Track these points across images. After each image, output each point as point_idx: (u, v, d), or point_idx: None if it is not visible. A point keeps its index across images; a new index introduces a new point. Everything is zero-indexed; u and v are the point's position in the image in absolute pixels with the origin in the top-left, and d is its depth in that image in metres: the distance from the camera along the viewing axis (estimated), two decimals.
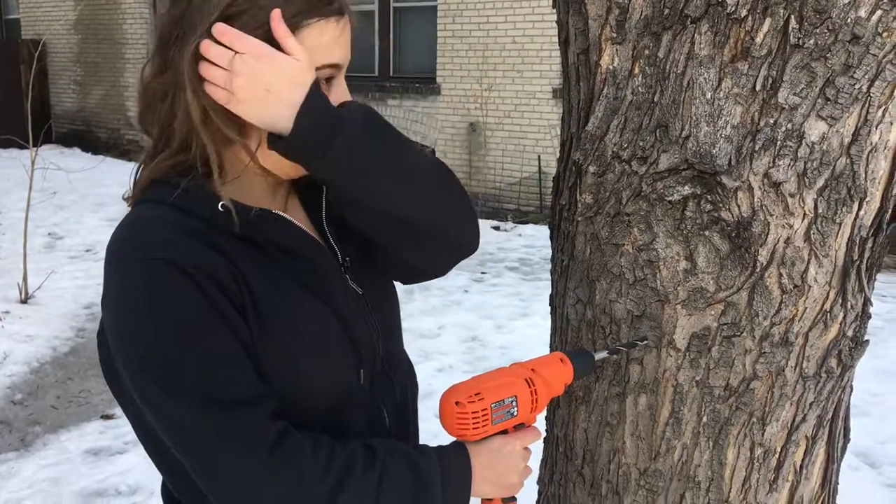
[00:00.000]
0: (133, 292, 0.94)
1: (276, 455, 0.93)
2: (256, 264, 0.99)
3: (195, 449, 0.93)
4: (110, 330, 0.96)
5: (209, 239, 0.97)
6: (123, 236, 0.99)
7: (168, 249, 0.94)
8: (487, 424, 1.06)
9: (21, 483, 3.25)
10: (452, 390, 1.07)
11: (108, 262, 0.98)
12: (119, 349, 0.95)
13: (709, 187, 1.09)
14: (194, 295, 0.93)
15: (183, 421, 0.92)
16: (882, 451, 3.58)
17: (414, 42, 9.34)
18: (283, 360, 0.99)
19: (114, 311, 0.96)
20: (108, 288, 0.96)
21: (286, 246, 1.04)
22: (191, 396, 0.92)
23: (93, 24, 12.38)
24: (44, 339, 4.72)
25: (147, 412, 0.95)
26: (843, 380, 1.21)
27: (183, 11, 0.96)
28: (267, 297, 0.99)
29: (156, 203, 1.00)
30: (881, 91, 1.04)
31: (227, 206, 0.98)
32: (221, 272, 0.95)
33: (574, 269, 1.27)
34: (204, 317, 0.93)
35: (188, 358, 0.92)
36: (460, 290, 5.97)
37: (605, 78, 1.16)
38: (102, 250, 1.02)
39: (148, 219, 0.99)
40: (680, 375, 1.17)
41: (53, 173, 6.33)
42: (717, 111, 1.07)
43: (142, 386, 0.94)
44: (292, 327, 1.01)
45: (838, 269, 1.12)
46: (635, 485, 1.25)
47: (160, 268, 0.93)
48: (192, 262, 0.93)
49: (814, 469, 1.27)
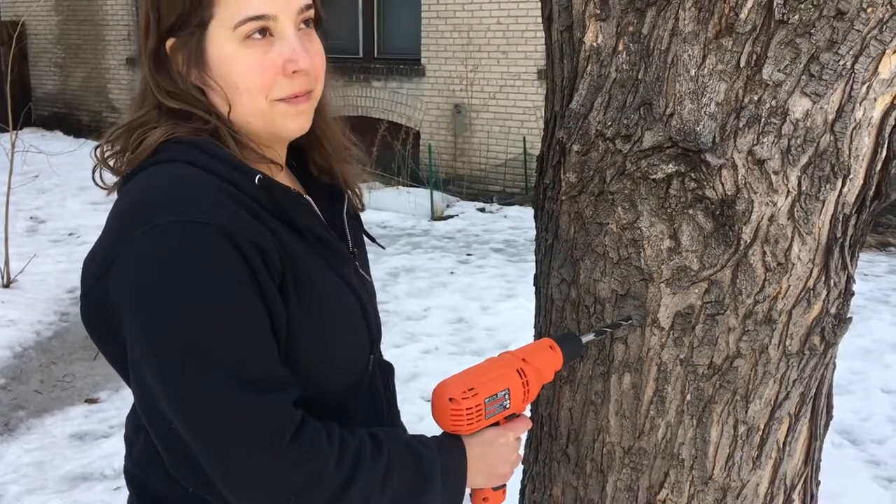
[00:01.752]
0: (175, 255, 0.87)
1: (297, 444, 0.91)
2: (294, 243, 0.98)
3: (213, 430, 0.89)
4: (131, 292, 0.89)
5: (255, 211, 0.94)
6: (160, 193, 0.92)
7: (218, 214, 0.89)
8: (481, 419, 1.06)
9: (5, 468, 3.23)
10: (445, 386, 1.06)
11: (135, 217, 0.91)
12: (142, 314, 0.89)
13: (693, 165, 1.08)
14: (242, 270, 0.89)
15: (205, 399, 0.88)
16: (864, 429, 3.62)
17: (398, 23, 9.27)
18: (316, 335, 0.99)
19: (142, 271, 0.88)
20: (135, 246, 0.89)
21: (310, 227, 1.03)
22: (218, 374, 0.88)
23: (73, 5, 12.21)
24: (27, 324, 4.69)
25: (159, 383, 0.89)
26: (826, 357, 1.21)
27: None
28: (306, 271, 0.98)
29: (188, 164, 0.95)
30: (865, 67, 1.04)
31: (262, 180, 0.96)
32: (269, 247, 0.92)
33: (558, 249, 1.27)
34: (246, 295, 0.89)
35: (223, 335, 0.88)
36: (446, 271, 5.96)
37: (589, 55, 1.15)
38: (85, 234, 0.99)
39: (190, 178, 0.93)
40: (664, 354, 1.17)
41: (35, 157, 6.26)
42: (702, 88, 1.06)
43: (162, 355, 0.88)
44: (325, 304, 1.01)
45: (822, 246, 1.12)
46: (620, 463, 1.25)
47: (208, 233, 0.88)
48: (244, 233, 0.89)
49: (797, 446, 1.27)
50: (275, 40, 0.98)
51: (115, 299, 0.92)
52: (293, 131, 1.04)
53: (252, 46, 0.97)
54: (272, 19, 0.97)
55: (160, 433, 0.96)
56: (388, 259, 6.08)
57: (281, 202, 0.98)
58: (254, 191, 0.95)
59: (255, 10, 0.95)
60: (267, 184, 0.97)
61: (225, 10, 0.95)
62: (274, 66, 0.98)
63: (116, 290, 0.91)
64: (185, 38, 0.98)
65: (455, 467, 1.05)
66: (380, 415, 1.16)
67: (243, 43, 0.96)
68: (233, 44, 0.97)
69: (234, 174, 0.95)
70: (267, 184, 0.97)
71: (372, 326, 1.11)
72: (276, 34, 0.98)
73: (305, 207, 1.03)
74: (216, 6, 0.95)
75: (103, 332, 0.98)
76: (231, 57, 0.97)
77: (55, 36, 12.63)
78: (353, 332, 1.07)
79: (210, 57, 0.98)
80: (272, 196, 0.97)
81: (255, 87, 0.98)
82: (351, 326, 1.07)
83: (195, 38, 0.97)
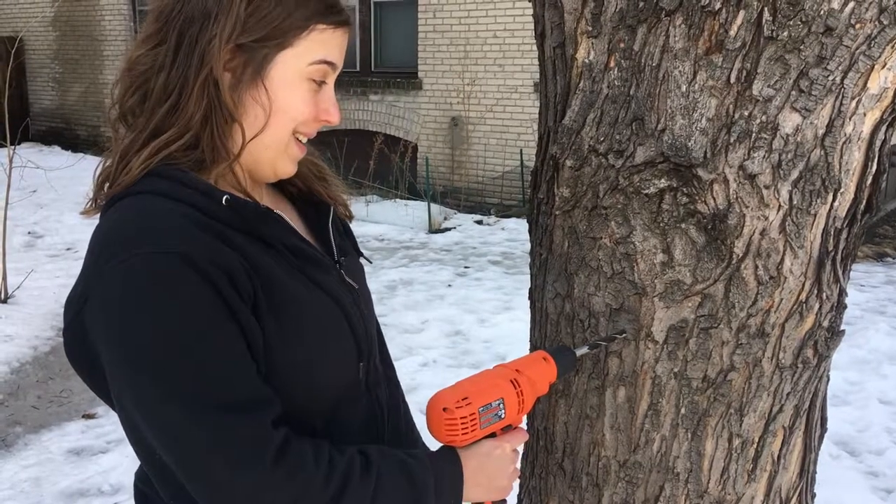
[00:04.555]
0: (140, 287, 0.89)
1: (280, 465, 0.91)
2: (264, 257, 0.99)
3: (193, 455, 0.90)
4: (103, 325, 0.92)
5: (220, 232, 0.96)
6: (127, 227, 0.95)
7: (182, 242, 0.91)
8: (476, 429, 1.06)
9: (2, 484, 3.23)
10: (439, 396, 1.06)
11: (103, 252, 0.93)
12: (114, 346, 0.91)
13: (685, 180, 1.09)
14: (207, 293, 0.90)
15: (182, 426, 0.89)
16: (861, 440, 3.62)
17: (395, 37, 9.32)
18: (296, 351, 0.99)
19: (110, 305, 0.91)
20: (104, 280, 0.91)
21: (282, 240, 1.04)
22: (194, 400, 0.89)
23: (71, 21, 12.26)
24: (24, 339, 4.69)
25: (138, 413, 0.91)
26: (819, 370, 1.22)
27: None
28: (278, 288, 0.99)
29: (155, 195, 0.97)
30: (854, 82, 1.05)
31: (231, 200, 0.98)
32: (236, 268, 0.93)
33: (552, 263, 1.27)
34: (214, 317, 0.91)
35: (194, 360, 0.89)
36: (443, 284, 5.97)
37: (581, 71, 1.16)
38: (83, 249, 1.00)
39: (156, 210, 0.96)
40: (658, 368, 1.18)
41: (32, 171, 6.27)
42: (693, 104, 1.07)
43: (138, 386, 0.90)
44: (303, 318, 1.01)
45: (813, 260, 1.13)
46: (615, 477, 1.25)
47: (173, 262, 0.89)
48: (207, 257, 0.91)
49: (791, 459, 1.28)
50: (322, 90, 1.07)
51: (92, 337, 0.94)
52: (288, 172, 1.10)
53: (309, 86, 1.05)
54: (334, 69, 1.06)
55: (148, 462, 0.98)
56: (386, 272, 6.09)
57: (249, 219, 1.00)
58: (221, 212, 0.97)
59: (332, 58, 1.05)
60: (235, 203, 0.98)
61: (308, 44, 1.02)
62: (316, 107, 1.06)
63: (92, 326, 0.94)
64: (255, 51, 1.00)
65: (450, 482, 1.05)
66: (380, 427, 1.15)
67: (306, 79, 1.04)
68: (298, 76, 1.03)
69: (200, 199, 0.97)
70: (235, 203, 0.98)
71: (358, 333, 1.10)
72: (326, 82, 1.07)
73: (276, 221, 1.04)
74: (302, 39, 1.02)
75: (85, 365, 1.00)
76: (292, 86, 1.03)
77: (53, 51, 12.67)
78: (336, 339, 1.07)
79: (270, 77, 1.02)
80: (240, 214, 0.99)
81: (298, 119, 1.05)
82: (333, 334, 1.07)
83: (262, 54, 1.01)
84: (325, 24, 1.03)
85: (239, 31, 0.99)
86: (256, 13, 0.99)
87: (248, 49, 1.00)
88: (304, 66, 1.03)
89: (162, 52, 1.00)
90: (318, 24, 1.02)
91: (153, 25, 1.02)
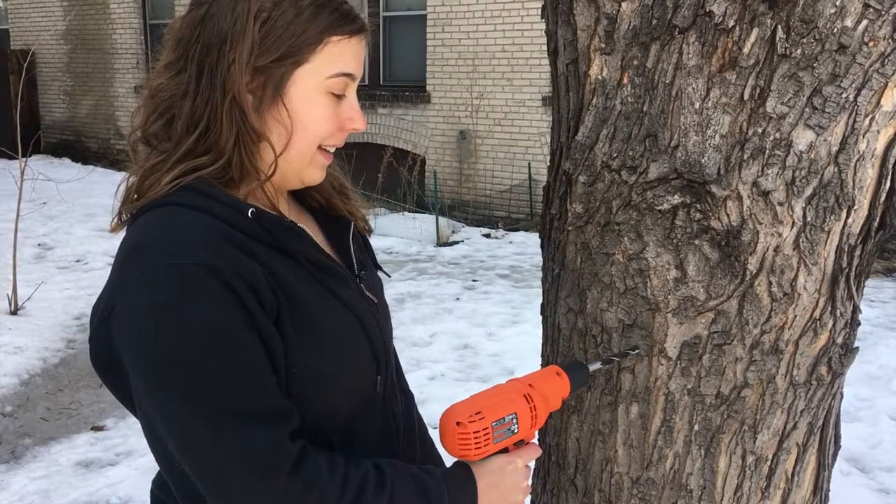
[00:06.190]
0: (165, 297, 0.90)
1: (297, 477, 0.92)
2: (287, 270, 1.00)
3: (212, 465, 0.91)
4: (129, 333, 0.93)
5: (245, 245, 0.97)
6: (154, 237, 0.96)
7: (208, 255, 0.92)
8: (489, 443, 1.06)
9: (11, 496, 3.23)
10: (452, 410, 1.06)
11: (130, 262, 0.94)
12: (139, 354, 0.92)
13: (698, 196, 1.09)
14: (232, 305, 0.91)
15: (203, 435, 0.90)
16: (873, 456, 3.59)
17: (404, 51, 9.35)
18: (316, 364, 1.00)
19: (136, 314, 0.92)
20: (130, 290, 0.92)
21: (304, 253, 1.05)
22: (215, 410, 0.90)
23: (82, 34, 12.35)
24: (34, 351, 4.70)
25: (159, 421, 0.92)
26: (833, 387, 1.21)
27: (205, 14, 1.01)
28: (300, 302, 1.00)
29: (182, 207, 0.98)
30: (868, 100, 1.05)
31: (256, 213, 0.99)
32: (260, 281, 0.94)
33: (565, 279, 1.27)
34: (238, 329, 0.91)
35: (217, 371, 0.90)
36: (451, 297, 5.96)
37: (595, 88, 1.17)
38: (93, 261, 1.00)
39: (182, 221, 0.97)
40: (671, 384, 1.18)
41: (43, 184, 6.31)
42: (706, 121, 1.08)
43: (162, 395, 0.91)
44: (323, 331, 1.02)
45: (827, 276, 1.13)
46: (628, 494, 1.25)
47: (198, 274, 0.90)
48: (232, 270, 0.92)
49: (805, 476, 1.27)
50: (343, 100, 1.07)
51: (117, 346, 0.95)
52: (315, 180, 1.11)
53: (330, 99, 1.05)
54: (353, 80, 1.07)
55: (170, 473, 0.99)
56: (394, 285, 6.09)
57: (274, 232, 1.01)
58: (247, 224, 0.98)
59: (350, 69, 1.05)
60: (260, 216, 1.00)
61: (325, 59, 1.03)
62: (339, 119, 1.07)
63: (118, 337, 0.95)
64: (272, 71, 1.01)
65: (463, 499, 1.05)
66: (395, 440, 1.16)
67: (325, 93, 1.04)
68: (317, 91, 1.04)
69: (226, 211, 0.98)
70: (260, 216, 1.00)
71: (377, 346, 1.12)
72: (346, 93, 1.07)
73: (299, 235, 1.05)
74: (318, 53, 1.02)
75: (109, 373, 1.01)
76: (312, 101, 1.04)
77: (64, 64, 12.76)
78: (354, 352, 1.08)
79: (289, 95, 1.02)
80: (265, 227, 1.00)
81: (321, 134, 1.06)
82: (352, 346, 1.07)
83: (279, 73, 1.01)
84: (339, 35, 1.03)
85: (256, 54, 0.99)
86: (272, 34, 1.00)
87: (266, 70, 1.00)
88: (322, 80, 1.03)
89: (184, 80, 1.01)
90: (332, 37, 1.02)
91: (173, 53, 1.03)
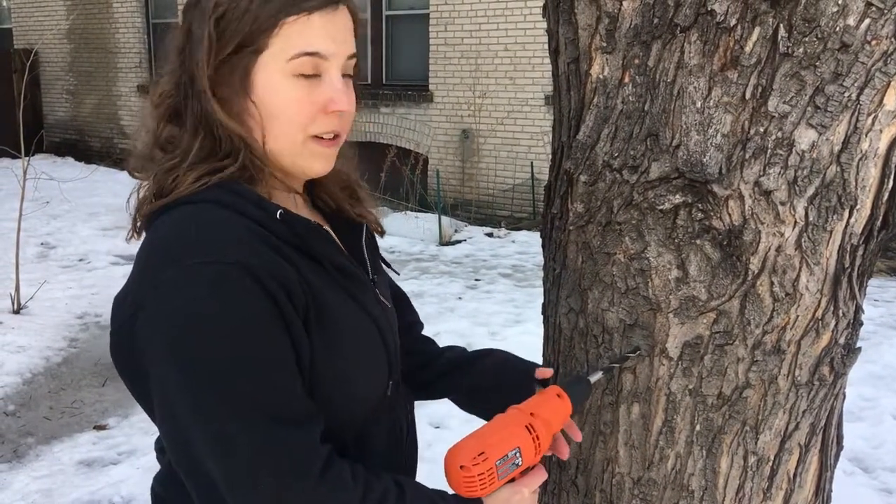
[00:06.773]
0: (201, 296, 0.89)
1: (325, 480, 0.91)
2: (314, 273, 0.99)
3: (244, 463, 0.89)
4: (161, 334, 0.90)
5: (276, 246, 0.96)
6: (185, 235, 0.94)
7: (243, 255, 0.91)
8: (494, 481, 1.05)
9: (13, 495, 3.23)
10: (455, 453, 1.05)
11: (159, 260, 0.93)
12: (174, 356, 0.90)
13: (700, 196, 1.09)
14: (268, 306, 0.90)
15: (238, 434, 0.88)
16: (876, 456, 3.58)
17: (406, 50, 9.35)
18: (335, 367, 1.00)
19: (171, 317, 0.90)
20: (161, 289, 0.90)
21: (330, 257, 1.04)
22: (251, 410, 0.89)
23: (85, 34, 12.37)
24: (36, 350, 4.70)
25: (193, 421, 0.90)
26: (835, 387, 1.21)
27: (189, 23, 1.01)
28: (325, 305, 0.99)
29: (213, 204, 0.97)
30: (870, 99, 1.04)
31: (284, 215, 0.98)
32: (293, 282, 0.94)
33: (566, 279, 1.27)
34: (273, 330, 0.91)
35: (253, 372, 0.89)
36: (454, 297, 5.96)
37: (596, 87, 1.16)
38: (95, 260, 1.00)
39: (215, 219, 0.95)
40: (673, 384, 1.17)
41: (46, 183, 6.32)
42: (707, 120, 1.07)
43: (197, 395, 0.89)
44: (344, 334, 1.02)
45: (829, 276, 1.12)
46: (629, 494, 1.25)
47: (234, 273, 0.89)
48: (267, 270, 0.91)
49: (807, 477, 1.27)
50: (321, 81, 1.01)
51: (142, 344, 0.93)
52: (317, 171, 1.08)
53: (299, 82, 1.00)
54: (324, 58, 1.01)
55: (189, 473, 0.96)
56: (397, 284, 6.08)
57: (301, 234, 1.00)
58: (275, 226, 0.97)
59: (312, 47, 1.00)
60: (288, 218, 0.99)
61: (284, 41, 0.99)
62: (317, 103, 1.02)
63: (144, 333, 0.92)
64: (235, 63, 1.00)
65: None
66: (399, 444, 1.16)
67: (292, 77, 1.00)
68: (282, 75, 1.00)
69: (256, 211, 0.97)
70: (288, 218, 0.99)
71: (391, 351, 1.12)
72: (322, 75, 1.01)
73: (325, 238, 1.04)
74: (275, 36, 0.98)
75: (131, 370, 0.99)
76: (278, 87, 1.00)
77: (67, 63, 12.77)
78: (371, 356, 1.08)
79: (255, 84, 1.00)
80: (293, 229, 0.99)
81: (297, 120, 1.01)
82: (370, 353, 1.08)
83: (243, 63, 0.99)
84: (293, 14, 0.98)
85: (216, 49, 0.98)
86: (229, 26, 0.98)
87: (229, 62, 0.99)
88: (283, 64, 0.99)
89: (182, 85, 1.02)
90: (286, 18, 0.98)
91: (173, 62, 1.04)
